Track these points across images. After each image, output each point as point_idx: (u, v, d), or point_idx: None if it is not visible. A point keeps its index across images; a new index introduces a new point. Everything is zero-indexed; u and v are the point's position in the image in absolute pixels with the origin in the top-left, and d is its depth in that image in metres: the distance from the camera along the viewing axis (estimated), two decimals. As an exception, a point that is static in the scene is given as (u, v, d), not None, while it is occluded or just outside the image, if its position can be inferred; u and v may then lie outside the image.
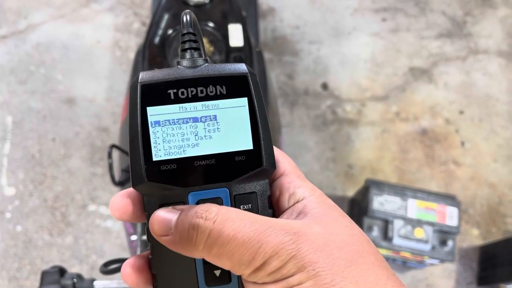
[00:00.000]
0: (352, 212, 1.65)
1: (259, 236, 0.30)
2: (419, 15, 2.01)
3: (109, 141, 1.72)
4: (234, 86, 0.34)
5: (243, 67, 0.35)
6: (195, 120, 0.34)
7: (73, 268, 1.56)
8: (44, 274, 0.77)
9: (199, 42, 0.37)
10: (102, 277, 1.53)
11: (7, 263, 1.56)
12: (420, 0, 2.04)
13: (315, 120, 1.81)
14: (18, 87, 1.78)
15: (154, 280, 0.35)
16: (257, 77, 0.35)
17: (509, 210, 1.73)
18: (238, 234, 0.30)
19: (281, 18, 1.97)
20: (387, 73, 1.91)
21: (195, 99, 0.34)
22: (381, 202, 1.45)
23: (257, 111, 0.34)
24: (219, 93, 0.34)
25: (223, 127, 0.34)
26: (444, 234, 1.45)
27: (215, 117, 0.34)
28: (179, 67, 0.35)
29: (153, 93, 0.33)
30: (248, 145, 0.34)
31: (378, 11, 2.01)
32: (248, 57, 0.95)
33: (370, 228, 1.45)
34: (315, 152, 1.77)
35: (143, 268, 0.35)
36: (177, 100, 0.33)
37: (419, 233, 1.43)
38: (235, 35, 0.96)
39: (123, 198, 0.35)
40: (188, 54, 0.36)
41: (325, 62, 1.91)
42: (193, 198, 0.34)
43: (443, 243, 1.44)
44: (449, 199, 1.48)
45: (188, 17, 0.36)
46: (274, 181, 0.37)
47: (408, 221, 1.44)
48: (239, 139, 0.34)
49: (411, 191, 1.47)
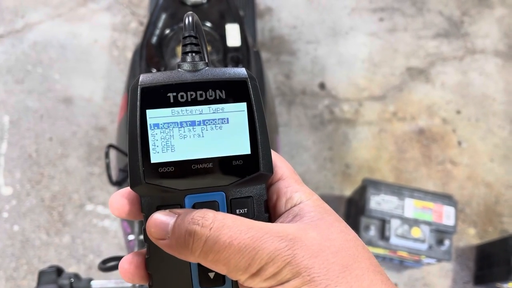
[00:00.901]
0: (349, 212, 1.65)
1: (255, 242, 0.30)
2: (416, 15, 2.02)
3: (106, 141, 1.71)
4: (233, 90, 0.34)
5: (243, 72, 0.35)
6: (194, 123, 0.34)
7: (70, 268, 1.56)
8: (41, 273, 0.77)
9: (201, 45, 0.37)
10: (99, 277, 1.53)
11: (4, 262, 1.55)
12: (417, 0, 2.04)
13: (312, 120, 1.82)
14: (15, 87, 1.77)
15: (149, 279, 0.36)
16: (257, 82, 0.36)
17: (505, 210, 1.74)
18: (234, 241, 0.30)
19: (279, 18, 1.98)
20: (384, 73, 1.91)
21: (194, 103, 0.34)
22: (378, 202, 1.46)
23: (256, 116, 0.35)
24: (218, 97, 0.34)
25: (221, 131, 0.34)
26: (441, 234, 1.45)
27: (214, 121, 0.34)
28: (179, 70, 0.35)
29: (152, 96, 0.34)
30: (246, 149, 0.35)
31: (376, 11, 2.01)
32: (246, 57, 0.95)
33: (367, 227, 1.46)
34: (312, 151, 1.77)
35: (140, 265, 0.36)
36: (177, 104, 0.34)
37: (416, 232, 1.44)
38: (233, 35, 0.96)
39: (121, 198, 0.36)
40: (189, 58, 0.36)
41: (323, 61, 1.91)
42: (189, 201, 0.34)
43: (440, 242, 1.45)
44: (446, 198, 1.48)
45: (190, 19, 0.36)
46: (271, 185, 0.37)
47: (405, 220, 1.45)
48: (237, 143, 0.34)
49: (408, 190, 1.48)
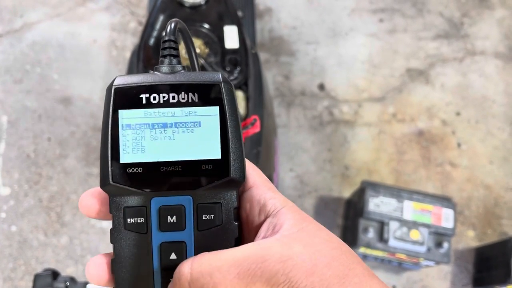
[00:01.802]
0: (348, 213, 1.65)
1: (244, 280, 0.29)
2: (416, 16, 2.01)
3: (105, 141, 1.71)
4: (206, 94, 0.34)
5: (218, 76, 0.35)
6: (165, 126, 0.34)
7: (68, 269, 1.55)
8: (37, 277, 0.77)
9: (189, 50, 0.37)
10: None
11: (2, 263, 1.55)
12: (417, 1, 2.04)
13: (311, 121, 1.81)
14: (14, 86, 1.77)
15: (113, 281, 0.35)
16: (232, 86, 0.35)
17: (505, 212, 1.74)
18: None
19: (278, 18, 1.97)
20: (384, 74, 1.91)
21: (166, 105, 0.34)
22: (377, 204, 1.45)
23: (228, 121, 0.34)
24: (191, 100, 0.34)
25: (192, 134, 0.34)
26: (439, 236, 1.45)
27: (185, 124, 0.34)
28: (155, 73, 0.35)
29: (125, 96, 0.34)
30: (216, 154, 0.34)
31: (376, 12, 2.00)
32: (244, 59, 0.95)
33: (366, 229, 1.45)
34: (311, 153, 1.77)
35: (107, 267, 0.35)
36: (149, 105, 0.34)
37: (414, 235, 1.43)
38: (231, 37, 0.95)
39: (91, 197, 0.36)
40: (166, 61, 0.36)
41: (322, 62, 1.91)
42: (155, 203, 0.34)
43: (439, 245, 1.44)
44: (445, 201, 1.48)
45: (172, 25, 0.37)
46: (243, 193, 0.36)
47: (403, 222, 1.44)
48: (208, 147, 0.34)
49: (407, 193, 1.47)
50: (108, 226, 1.59)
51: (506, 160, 1.80)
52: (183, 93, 0.34)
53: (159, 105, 0.34)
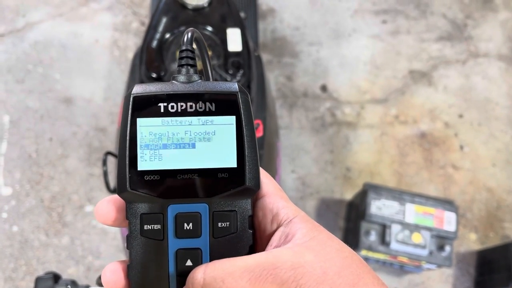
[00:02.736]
0: (350, 216, 1.65)
1: (256, 285, 0.30)
2: (419, 17, 2.00)
3: (107, 142, 1.71)
4: (223, 104, 0.35)
5: (235, 86, 0.36)
6: (182, 134, 0.34)
7: (69, 269, 1.55)
8: (38, 280, 0.76)
9: (203, 59, 0.38)
10: (95, 284, 1.53)
11: (3, 263, 1.55)
12: (420, 2, 2.03)
13: (313, 122, 1.81)
14: (16, 86, 1.77)
15: (129, 286, 0.36)
16: (248, 96, 0.36)
17: (507, 215, 1.73)
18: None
19: (281, 19, 1.96)
20: (386, 76, 1.90)
21: (184, 113, 0.34)
22: (379, 207, 1.45)
23: (244, 130, 0.35)
24: (208, 109, 0.35)
25: (209, 143, 0.35)
26: (441, 239, 1.45)
27: (202, 133, 0.35)
28: (173, 82, 0.36)
29: (144, 105, 0.34)
30: (232, 163, 0.35)
31: (379, 13, 2.00)
32: (247, 61, 0.94)
33: (368, 232, 1.45)
34: (313, 154, 1.76)
35: (123, 273, 0.35)
36: (167, 114, 0.34)
37: (416, 238, 1.43)
38: (234, 40, 0.95)
39: (108, 204, 0.36)
40: (183, 70, 0.36)
41: (325, 64, 1.90)
42: (172, 210, 0.35)
43: (441, 248, 1.44)
44: (447, 204, 1.47)
45: (189, 35, 0.37)
46: (256, 201, 0.37)
47: (406, 226, 1.44)
48: (224, 156, 0.35)
49: (409, 195, 1.47)
50: (110, 226, 1.59)
51: (509, 163, 1.80)
52: (200, 102, 0.35)
53: (176, 114, 0.34)
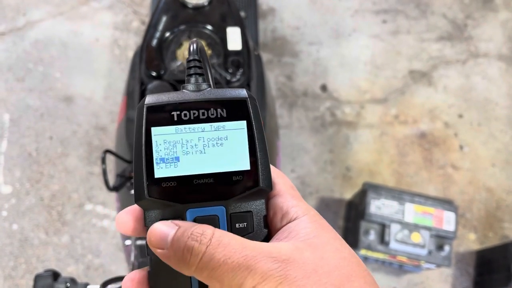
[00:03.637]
0: (349, 215, 1.65)
1: (249, 262, 0.31)
2: (419, 17, 2.01)
3: (107, 140, 1.71)
4: (234, 109, 0.36)
5: (243, 92, 0.37)
6: (196, 140, 0.36)
7: (68, 268, 1.56)
8: (37, 278, 0.77)
9: (205, 69, 0.40)
10: (97, 277, 1.53)
11: (3, 261, 1.55)
12: (421, 2, 2.03)
13: (313, 122, 1.81)
14: (16, 85, 1.77)
15: None
16: (256, 101, 0.37)
17: (506, 215, 1.73)
18: (228, 260, 0.31)
19: (281, 19, 1.97)
20: (386, 76, 1.90)
21: (197, 121, 0.36)
22: (379, 206, 1.45)
23: (255, 134, 0.36)
24: (219, 116, 0.36)
25: (222, 148, 0.36)
26: (440, 239, 1.45)
27: (215, 138, 0.36)
28: (183, 91, 0.37)
29: (157, 114, 0.36)
30: (246, 165, 0.36)
31: (379, 13, 2.00)
32: (246, 60, 0.94)
33: (367, 232, 1.45)
34: (313, 154, 1.76)
35: (142, 281, 0.37)
36: (180, 122, 0.36)
37: (416, 237, 1.43)
38: (233, 39, 0.95)
39: (126, 215, 0.37)
40: (192, 79, 0.38)
41: (325, 63, 1.90)
42: (191, 214, 0.36)
43: (440, 248, 1.44)
44: (446, 204, 1.48)
45: (194, 45, 0.39)
46: (268, 200, 0.38)
47: (405, 225, 1.44)
48: (237, 159, 0.36)
49: (408, 195, 1.47)
50: (110, 225, 1.59)
51: (509, 163, 1.80)
52: (212, 109, 0.36)
53: (189, 121, 0.36)
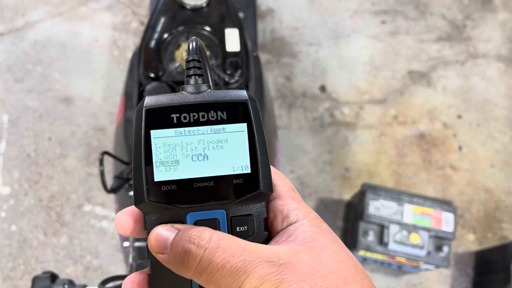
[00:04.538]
0: (348, 216, 1.65)
1: (246, 266, 0.30)
2: (418, 18, 2.01)
3: (106, 141, 1.71)
4: (234, 112, 0.36)
5: (244, 94, 0.36)
6: (196, 143, 0.35)
7: (67, 269, 1.55)
8: (35, 279, 0.76)
9: (204, 68, 0.38)
10: (95, 279, 1.53)
11: (1, 262, 1.55)
12: (420, 3, 2.03)
13: (312, 123, 1.81)
14: (15, 85, 1.77)
15: None
16: (257, 103, 0.37)
17: (505, 216, 1.73)
18: (226, 264, 0.31)
19: (280, 19, 1.97)
20: (385, 76, 1.90)
21: (196, 123, 0.35)
22: (377, 207, 1.45)
23: (256, 136, 0.36)
24: (220, 118, 0.35)
25: (222, 151, 0.35)
26: (439, 240, 1.45)
27: (215, 141, 0.35)
28: (183, 92, 0.36)
29: (157, 117, 0.35)
30: (246, 169, 0.35)
31: (378, 14, 2.00)
32: (245, 62, 0.94)
33: (366, 232, 1.45)
34: (312, 154, 1.76)
35: (143, 284, 0.36)
36: (180, 124, 0.35)
37: (414, 238, 1.43)
38: (232, 40, 0.95)
39: (125, 216, 0.37)
40: (192, 80, 0.37)
41: (324, 64, 1.90)
42: (191, 218, 0.36)
43: (439, 248, 1.44)
44: (445, 204, 1.48)
45: (194, 44, 0.38)
46: (269, 203, 0.37)
47: (404, 226, 1.44)
48: (238, 163, 0.35)
49: (407, 196, 1.47)
50: (108, 226, 1.59)
51: (507, 164, 1.80)
52: (212, 111, 0.35)
53: (189, 124, 0.35)
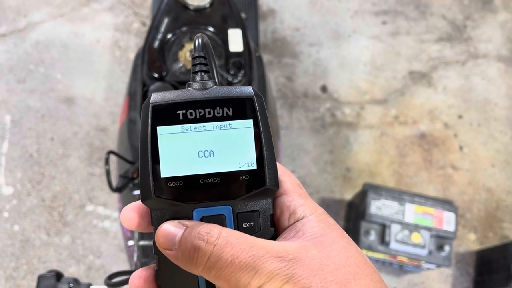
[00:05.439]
0: (349, 216, 1.65)
1: (256, 262, 0.31)
2: (419, 18, 2.01)
3: (108, 141, 1.71)
4: (240, 108, 0.36)
5: (250, 90, 0.36)
6: (202, 139, 0.35)
7: (70, 268, 1.56)
8: (41, 278, 0.77)
9: (210, 65, 0.38)
10: (98, 278, 1.53)
11: (4, 262, 1.56)
12: (420, 3, 2.04)
13: (313, 123, 1.81)
14: (17, 86, 1.77)
15: None
16: (263, 99, 0.37)
17: (506, 215, 1.74)
18: (236, 260, 0.31)
19: (281, 20, 1.97)
20: (386, 77, 1.91)
21: (202, 119, 0.35)
22: (379, 207, 1.46)
23: (262, 133, 0.36)
24: (226, 114, 0.35)
25: (229, 147, 0.35)
26: (441, 239, 1.45)
27: (222, 137, 0.35)
28: (189, 89, 0.36)
29: (163, 113, 0.35)
30: (252, 165, 0.35)
31: (378, 14, 2.00)
32: (248, 62, 0.95)
33: (367, 232, 1.45)
34: (313, 154, 1.77)
35: (150, 279, 0.37)
36: (186, 121, 0.35)
37: (416, 238, 1.44)
38: (235, 40, 0.95)
39: (131, 211, 0.37)
40: (198, 77, 0.37)
41: (325, 64, 1.91)
42: (197, 214, 0.36)
43: (440, 248, 1.44)
44: (446, 204, 1.48)
45: (200, 41, 0.38)
46: (275, 199, 0.38)
47: (405, 225, 1.45)
48: (244, 159, 0.35)
49: (408, 195, 1.48)
50: (111, 226, 1.60)
51: (508, 164, 1.81)
52: (218, 107, 0.35)
53: (195, 120, 0.35)
